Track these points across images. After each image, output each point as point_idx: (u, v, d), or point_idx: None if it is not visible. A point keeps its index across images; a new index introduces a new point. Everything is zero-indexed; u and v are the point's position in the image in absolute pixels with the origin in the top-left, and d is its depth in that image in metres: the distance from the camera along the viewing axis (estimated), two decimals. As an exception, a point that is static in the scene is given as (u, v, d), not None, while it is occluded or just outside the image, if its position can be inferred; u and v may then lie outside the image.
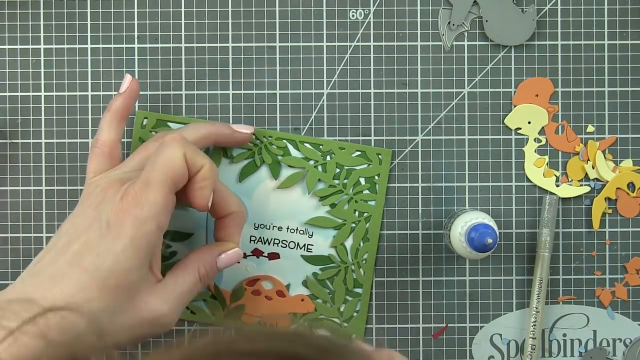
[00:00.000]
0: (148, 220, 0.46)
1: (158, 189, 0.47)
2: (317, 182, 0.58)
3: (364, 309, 0.59)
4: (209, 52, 0.59)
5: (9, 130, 0.58)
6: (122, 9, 0.59)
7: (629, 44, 0.59)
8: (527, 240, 0.59)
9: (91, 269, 0.45)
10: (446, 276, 0.59)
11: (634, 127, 0.59)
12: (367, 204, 0.58)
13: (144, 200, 0.46)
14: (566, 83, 0.59)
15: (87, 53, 0.59)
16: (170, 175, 0.47)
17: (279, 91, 0.59)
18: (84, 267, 0.46)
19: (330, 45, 0.59)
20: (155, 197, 0.46)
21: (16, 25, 0.58)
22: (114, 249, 0.46)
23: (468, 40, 0.59)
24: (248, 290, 0.59)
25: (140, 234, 0.46)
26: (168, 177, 0.47)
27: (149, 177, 0.47)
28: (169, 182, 0.47)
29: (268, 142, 0.58)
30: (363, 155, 0.59)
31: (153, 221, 0.46)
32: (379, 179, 0.59)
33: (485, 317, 0.59)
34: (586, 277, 0.59)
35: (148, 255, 0.47)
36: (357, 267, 0.59)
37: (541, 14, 0.59)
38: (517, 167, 0.59)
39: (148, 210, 0.46)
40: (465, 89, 0.59)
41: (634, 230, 0.59)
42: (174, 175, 0.47)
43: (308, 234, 0.59)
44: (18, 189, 0.59)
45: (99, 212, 0.47)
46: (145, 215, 0.46)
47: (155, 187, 0.47)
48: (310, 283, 0.59)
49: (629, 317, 0.60)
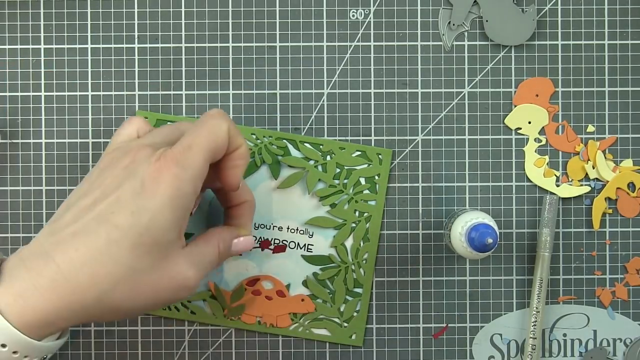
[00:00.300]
0: (188, 181, 0.46)
1: (200, 153, 0.46)
2: (317, 182, 0.58)
3: (364, 309, 0.59)
4: (209, 52, 0.59)
5: (9, 130, 0.58)
6: (122, 9, 0.59)
7: (629, 44, 0.59)
8: (527, 240, 0.59)
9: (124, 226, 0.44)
10: (446, 276, 0.59)
11: (634, 127, 0.59)
12: (367, 204, 0.58)
13: (185, 161, 0.46)
14: (566, 83, 0.59)
15: (87, 53, 0.59)
16: (213, 144, 0.47)
17: (279, 91, 0.59)
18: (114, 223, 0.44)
19: (331, 45, 0.59)
20: (196, 161, 0.46)
21: (16, 25, 0.58)
22: (151, 206, 0.45)
23: (468, 40, 0.59)
24: (248, 290, 0.59)
25: (180, 194, 0.45)
26: (211, 145, 0.47)
27: (192, 142, 0.47)
28: (212, 150, 0.47)
29: (268, 142, 0.58)
30: (363, 155, 0.59)
31: (191, 183, 0.46)
32: (379, 179, 0.59)
33: (485, 317, 0.59)
34: (586, 277, 0.59)
35: (182, 218, 0.47)
36: (358, 267, 0.59)
37: (541, 14, 0.59)
38: (518, 167, 0.59)
39: (189, 172, 0.46)
40: (465, 89, 0.59)
41: (634, 230, 0.59)
42: (217, 145, 0.47)
43: (308, 234, 0.59)
44: (18, 189, 0.59)
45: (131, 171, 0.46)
46: (186, 176, 0.46)
47: (197, 152, 0.46)
48: (311, 283, 0.59)
49: (629, 317, 0.60)
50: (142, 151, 0.47)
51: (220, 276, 0.59)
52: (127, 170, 0.46)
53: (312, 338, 0.59)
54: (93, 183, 0.47)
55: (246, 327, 0.59)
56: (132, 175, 0.46)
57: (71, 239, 0.44)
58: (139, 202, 0.45)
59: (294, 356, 0.59)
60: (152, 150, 0.47)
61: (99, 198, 0.46)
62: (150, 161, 0.46)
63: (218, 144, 0.48)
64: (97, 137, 0.59)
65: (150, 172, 0.45)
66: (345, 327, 0.59)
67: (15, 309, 0.43)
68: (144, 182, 0.45)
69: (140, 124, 0.51)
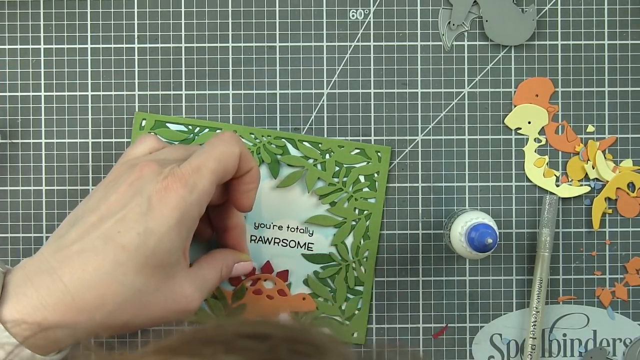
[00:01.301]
0: (194, 204, 0.46)
1: (208, 176, 0.46)
2: (317, 180, 0.58)
3: (365, 307, 0.59)
4: (209, 52, 0.59)
5: (9, 130, 0.58)
6: (122, 9, 0.58)
7: (629, 44, 0.59)
8: (527, 240, 0.59)
9: (131, 247, 0.44)
10: (446, 276, 0.59)
11: (634, 127, 0.59)
12: (367, 202, 0.58)
13: (193, 183, 0.46)
14: (566, 83, 0.59)
15: (87, 53, 0.59)
16: (223, 167, 0.47)
17: (279, 91, 0.59)
18: (121, 244, 0.44)
19: (330, 45, 0.59)
20: (204, 183, 0.46)
21: (16, 25, 0.58)
22: (158, 230, 0.44)
23: (468, 40, 0.59)
24: (249, 289, 0.59)
25: (186, 217, 0.45)
26: (220, 168, 0.47)
27: (201, 163, 0.46)
28: (220, 172, 0.47)
29: (267, 141, 0.58)
30: (362, 153, 0.59)
31: (197, 206, 0.46)
32: (379, 177, 0.59)
33: (485, 317, 0.59)
34: (586, 277, 0.59)
35: (187, 239, 0.47)
36: (358, 265, 0.59)
37: (541, 14, 0.59)
38: (517, 167, 0.59)
39: (195, 195, 0.46)
40: (465, 89, 0.59)
41: (634, 230, 0.59)
42: (226, 168, 0.47)
43: (308, 233, 0.59)
44: (18, 189, 0.59)
45: (137, 189, 0.46)
46: (192, 199, 0.45)
47: (205, 174, 0.46)
48: (312, 282, 0.59)
49: (629, 317, 0.60)
50: (149, 168, 0.46)
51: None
52: (133, 187, 0.46)
53: (312, 338, 0.59)
54: (100, 199, 0.47)
55: (246, 327, 0.59)
56: (139, 193, 0.45)
57: (77, 257, 0.44)
58: (146, 223, 0.45)
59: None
60: (160, 168, 0.47)
61: (105, 215, 0.46)
62: (157, 179, 0.46)
63: (227, 169, 0.48)
64: (97, 137, 0.59)
65: (157, 190, 0.45)
66: (347, 326, 0.59)
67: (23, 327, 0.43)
68: (151, 201, 0.45)
69: (152, 143, 0.51)
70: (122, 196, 0.46)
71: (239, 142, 0.48)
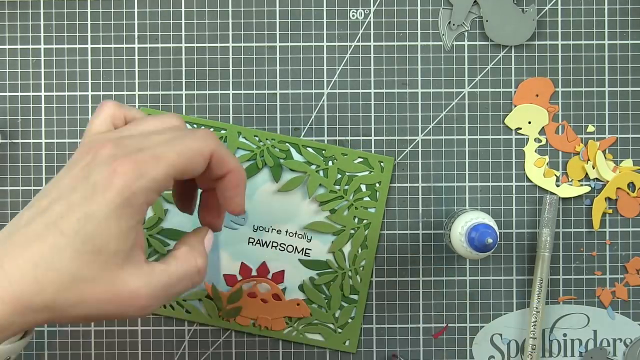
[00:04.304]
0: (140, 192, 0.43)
1: (165, 168, 0.44)
2: (318, 186, 0.58)
3: (359, 316, 0.59)
4: (209, 52, 0.59)
5: (9, 130, 0.58)
6: (122, 9, 0.59)
7: (629, 44, 0.59)
8: (527, 240, 0.59)
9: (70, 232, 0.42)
10: (446, 276, 0.59)
11: (634, 127, 0.59)
12: (367, 211, 0.58)
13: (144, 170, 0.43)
14: (566, 83, 0.59)
15: (87, 53, 0.59)
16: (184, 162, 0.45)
17: (279, 91, 0.59)
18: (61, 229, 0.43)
19: (330, 45, 0.59)
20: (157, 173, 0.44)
21: (16, 25, 0.58)
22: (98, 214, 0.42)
23: (468, 40, 0.59)
24: (245, 292, 0.59)
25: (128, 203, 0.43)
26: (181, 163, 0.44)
27: (162, 154, 0.44)
28: (180, 167, 0.45)
29: (271, 145, 0.58)
30: (365, 162, 0.58)
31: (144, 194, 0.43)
32: (380, 187, 0.58)
33: (485, 317, 0.59)
34: (586, 277, 0.59)
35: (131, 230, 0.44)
36: (354, 273, 0.59)
37: (541, 14, 0.59)
38: (517, 167, 0.59)
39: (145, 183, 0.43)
40: (465, 89, 0.59)
41: (634, 230, 0.59)
42: (189, 164, 0.45)
43: (307, 239, 0.59)
44: (18, 189, 0.58)
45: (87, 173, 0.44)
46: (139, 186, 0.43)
47: (163, 166, 0.44)
48: (307, 287, 0.59)
49: (629, 317, 0.60)
50: (104, 150, 0.44)
51: (217, 277, 0.59)
52: (84, 170, 0.44)
53: (305, 343, 0.59)
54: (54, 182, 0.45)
55: (240, 328, 0.59)
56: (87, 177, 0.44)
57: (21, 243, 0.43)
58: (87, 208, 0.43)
59: (293, 357, 0.59)
60: (114, 149, 0.44)
61: (54, 199, 0.44)
62: (107, 162, 0.43)
63: (190, 165, 0.45)
64: (97, 137, 0.59)
65: (103, 175, 0.43)
66: (339, 333, 0.59)
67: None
68: (96, 186, 0.43)
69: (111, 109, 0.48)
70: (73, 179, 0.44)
71: (213, 141, 0.46)
